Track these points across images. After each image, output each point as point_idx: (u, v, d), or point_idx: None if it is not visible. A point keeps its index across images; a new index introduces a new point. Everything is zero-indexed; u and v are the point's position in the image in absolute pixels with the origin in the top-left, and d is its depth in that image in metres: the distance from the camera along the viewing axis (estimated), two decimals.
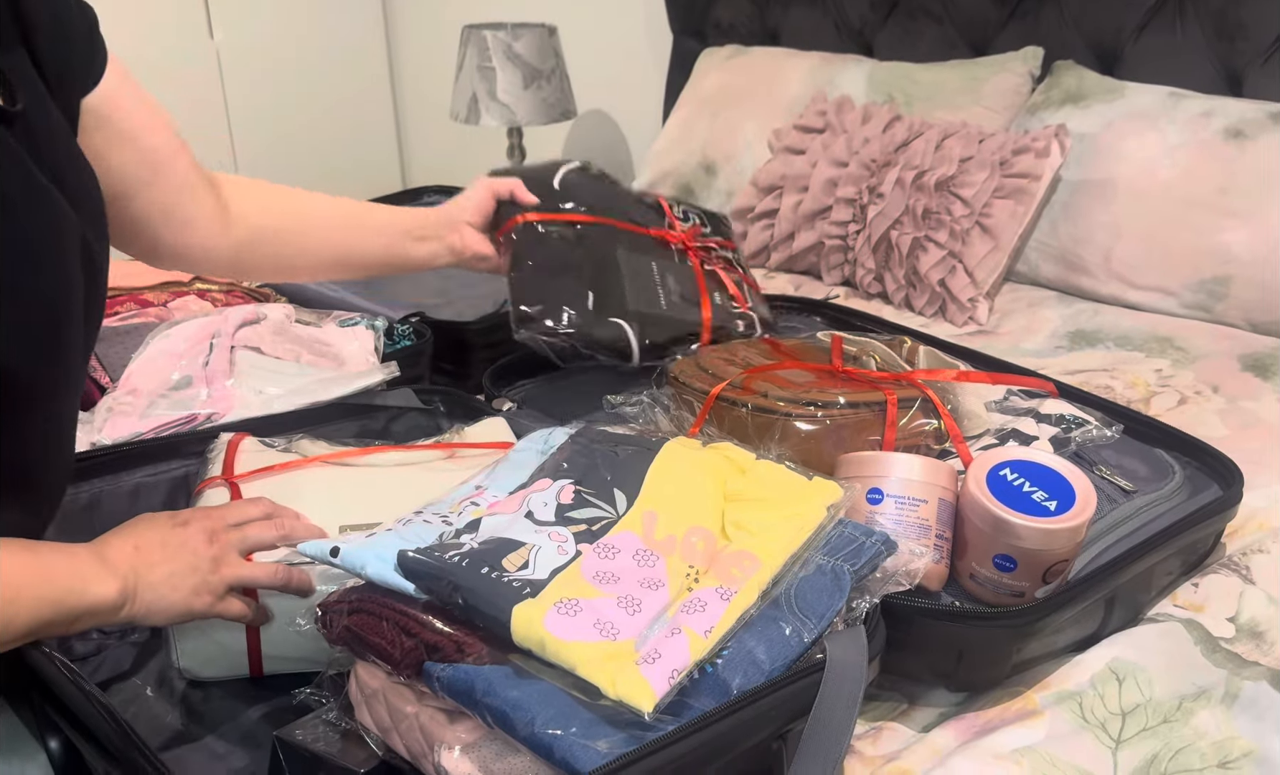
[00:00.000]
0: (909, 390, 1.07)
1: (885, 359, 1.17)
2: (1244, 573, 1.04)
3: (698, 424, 1.06)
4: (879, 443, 1.02)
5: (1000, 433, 1.10)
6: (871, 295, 1.84)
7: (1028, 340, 1.65)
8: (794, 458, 0.91)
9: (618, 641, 0.70)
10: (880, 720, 0.90)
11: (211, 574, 0.82)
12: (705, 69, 2.39)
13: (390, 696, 0.76)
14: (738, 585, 0.76)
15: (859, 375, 1.12)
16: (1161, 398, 1.43)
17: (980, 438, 1.09)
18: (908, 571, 0.84)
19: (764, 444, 0.96)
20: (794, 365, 1.15)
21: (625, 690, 0.66)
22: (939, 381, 1.11)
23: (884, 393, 1.05)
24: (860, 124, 1.93)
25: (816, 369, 1.14)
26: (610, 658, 0.68)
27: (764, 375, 1.11)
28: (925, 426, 1.05)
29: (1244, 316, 1.64)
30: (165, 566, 0.80)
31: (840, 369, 1.13)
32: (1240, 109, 1.72)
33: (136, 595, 0.78)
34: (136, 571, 0.78)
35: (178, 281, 1.53)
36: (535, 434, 0.97)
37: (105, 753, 0.71)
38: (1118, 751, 0.84)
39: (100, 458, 1.05)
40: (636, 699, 0.66)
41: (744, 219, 2.01)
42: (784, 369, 1.13)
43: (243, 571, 0.84)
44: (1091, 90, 1.87)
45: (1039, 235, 1.82)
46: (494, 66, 2.59)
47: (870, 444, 1.02)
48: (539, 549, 0.77)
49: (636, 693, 0.66)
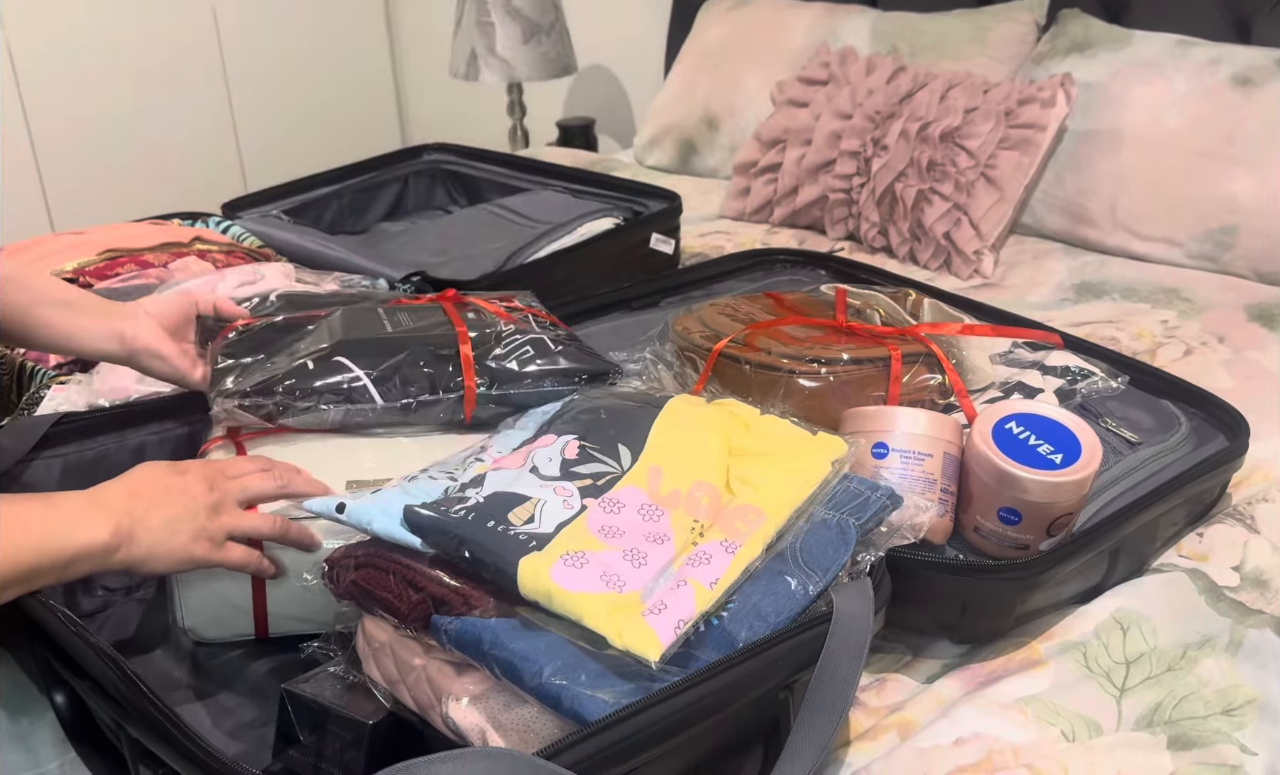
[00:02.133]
0: (913, 345, 1.06)
1: (889, 312, 1.16)
2: (1249, 523, 1.04)
3: (701, 381, 1.06)
4: (884, 398, 1.02)
5: (1005, 386, 1.10)
6: (876, 249, 1.83)
7: (1033, 293, 1.64)
8: (798, 414, 0.91)
9: (624, 593, 0.70)
10: (885, 672, 0.91)
11: (210, 521, 0.82)
12: (707, 21, 2.36)
13: (397, 649, 0.77)
14: (742, 538, 0.76)
15: (863, 330, 1.11)
16: (1167, 349, 1.43)
17: (985, 391, 1.09)
18: (913, 525, 0.85)
19: (768, 401, 0.96)
20: (797, 320, 1.14)
21: (632, 640, 0.67)
22: (943, 335, 1.11)
23: (888, 348, 1.04)
24: (864, 75, 1.91)
25: (820, 323, 1.13)
26: (617, 609, 0.69)
27: (766, 331, 1.10)
28: (930, 381, 1.04)
29: (1250, 267, 1.62)
30: (163, 511, 0.80)
31: (844, 324, 1.12)
32: (1248, 56, 1.70)
33: (133, 538, 0.78)
34: (132, 515, 0.79)
35: (177, 242, 1.52)
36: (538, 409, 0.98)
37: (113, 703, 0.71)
38: (1122, 700, 0.85)
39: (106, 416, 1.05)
40: (643, 649, 0.66)
41: (747, 173, 1.99)
42: (786, 324, 1.13)
43: (241, 521, 0.85)
44: (1098, 39, 1.85)
45: (1044, 186, 1.81)
46: (493, 21, 2.57)
47: (875, 399, 1.01)
48: (544, 503, 0.77)
49: (643, 643, 0.67)
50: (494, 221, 1.72)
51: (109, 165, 2.82)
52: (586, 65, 2.94)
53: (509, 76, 2.62)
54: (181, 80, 2.89)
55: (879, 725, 0.84)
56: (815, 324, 1.13)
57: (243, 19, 3.00)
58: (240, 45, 3.01)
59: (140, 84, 2.82)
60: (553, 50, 2.62)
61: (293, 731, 0.79)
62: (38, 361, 1.24)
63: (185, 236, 1.54)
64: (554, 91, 3.05)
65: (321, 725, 0.78)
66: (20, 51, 2.64)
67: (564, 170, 1.91)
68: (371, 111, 3.39)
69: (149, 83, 2.83)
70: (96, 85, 2.76)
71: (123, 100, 2.81)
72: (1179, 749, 0.81)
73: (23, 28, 2.63)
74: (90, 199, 2.76)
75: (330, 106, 3.24)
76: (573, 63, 2.70)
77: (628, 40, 2.87)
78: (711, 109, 2.23)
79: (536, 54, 2.60)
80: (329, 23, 3.20)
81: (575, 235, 1.63)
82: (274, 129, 3.13)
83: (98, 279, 1.38)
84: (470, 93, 3.05)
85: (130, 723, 0.70)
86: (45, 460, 1.00)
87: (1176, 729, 0.82)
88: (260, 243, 1.60)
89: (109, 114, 2.80)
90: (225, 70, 3.00)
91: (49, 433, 1.00)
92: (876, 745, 0.82)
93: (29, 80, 2.66)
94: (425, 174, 2.01)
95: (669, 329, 1.17)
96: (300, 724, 0.79)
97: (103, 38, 2.75)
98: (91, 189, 2.79)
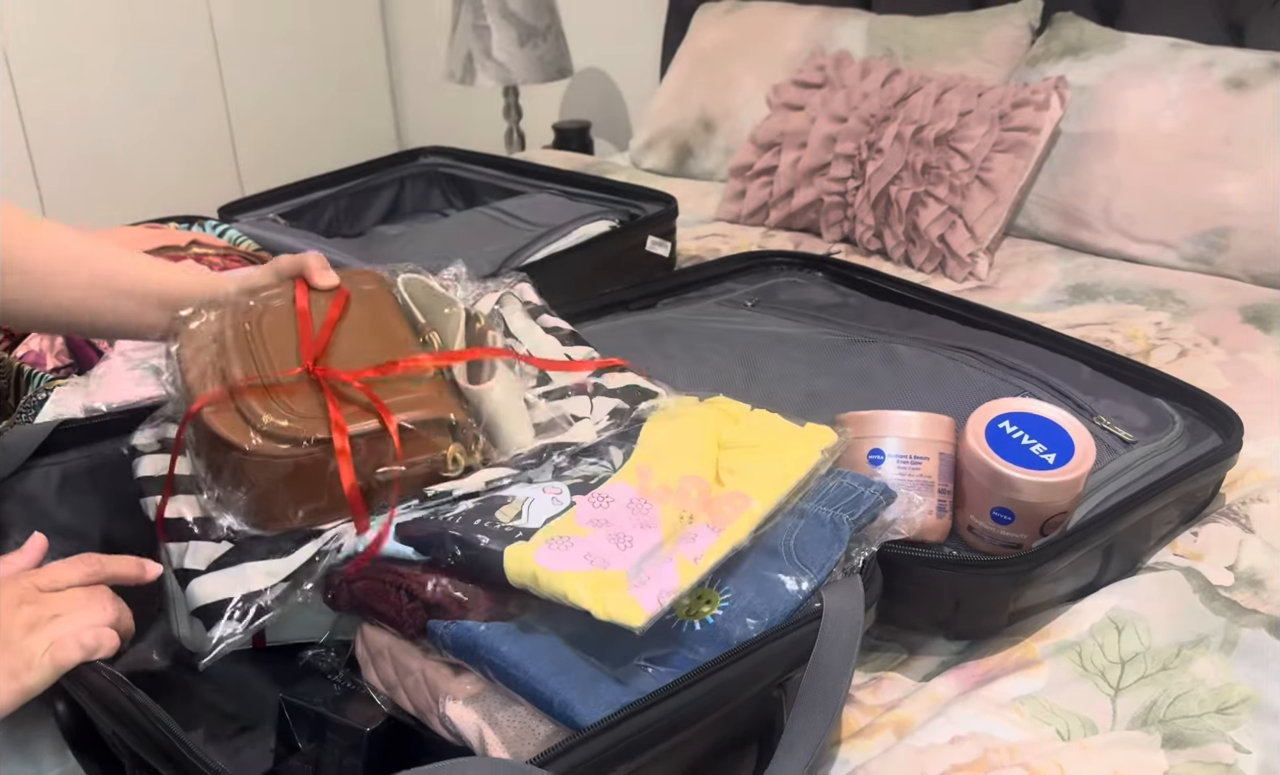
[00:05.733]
0: (365, 423, 0.80)
1: (447, 337, 0.92)
2: (1243, 522, 1.04)
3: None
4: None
5: (539, 451, 0.85)
6: (871, 252, 1.83)
7: (1028, 295, 1.65)
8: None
9: (608, 571, 0.70)
10: (880, 670, 0.91)
11: (25, 639, 0.71)
12: (702, 24, 2.36)
13: (396, 653, 0.77)
14: (729, 521, 0.76)
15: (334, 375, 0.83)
16: (1162, 350, 1.43)
17: (501, 467, 0.84)
18: (906, 520, 0.85)
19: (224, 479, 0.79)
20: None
21: (615, 610, 0.67)
22: (479, 391, 0.85)
23: (334, 421, 0.79)
24: (859, 78, 1.91)
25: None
26: (601, 584, 0.69)
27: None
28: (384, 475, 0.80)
29: (1244, 268, 1.63)
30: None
31: (312, 368, 0.84)
32: (1242, 59, 1.71)
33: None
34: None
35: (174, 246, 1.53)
36: None
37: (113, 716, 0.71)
38: (1117, 699, 0.85)
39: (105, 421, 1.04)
40: (626, 616, 0.66)
41: (743, 176, 2.00)
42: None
43: (63, 625, 0.73)
44: (1092, 41, 1.86)
45: (1039, 189, 1.81)
46: (489, 24, 2.57)
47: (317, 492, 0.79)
48: (532, 501, 0.78)
49: (626, 611, 0.66)
50: (491, 225, 1.72)
51: (105, 169, 2.82)
52: (582, 68, 2.95)
53: (505, 80, 2.62)
54: (178, 84, 2.89)
55: (875, 724, 0.84)
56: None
57: (239, 23, 3.00)
58: (236, 48, 3.01)
59: (137, 88, 2.83)
60: (549, 53, 2.63)
61: (292, 739, 0.80)
62: (35, 364, 1.24)
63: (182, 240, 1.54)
64: (550, 94, 3.05)
65: (320, 733, 0.78)
66: (16, 55, 2.64)
67: (560, 173, 1.91)
68: (368, 115, 3.39)
69: (145, 87, 2.84)
70: (93, 90, 2.77)
71: (119, 104, 2.81)
72: (1174, 748, 0.81)
73: (18, 31, 2.63)
74: (86, 203, 2.76)
75: (326, 110, 3.24)
76: (569, 66, 2.70)
77: (624, 43, 2.87)
78: (707, 112, 2.23)
79: (532, 57, 2.60)
80: (325, 26, 3.21)
81: (572, 238, 1.63)
82: (270, 132, 3.13)
83: None
84: (466, 96, 3.06)
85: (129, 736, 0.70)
86: (44, 468, 1.00)
87: (1171, 728, 0.83)
88: (257, 246, 1.60)
89: (105, 118, 2.80)
90: (221, 73, 3.00)
91: (47, 439, 1.00)
92: (872, 744, 0.82)
93: (25, 84, 2.67)
94: (422, 177, 2.01)
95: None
96: (299, 732, 0.79)
97: (99, 42, 2.75)
98: (87, 193, 2.79)
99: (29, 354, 1.28)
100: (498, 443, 0.86)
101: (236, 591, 0.76)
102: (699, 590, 0.75)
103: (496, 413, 0.85)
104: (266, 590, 0.76)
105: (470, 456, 0.83)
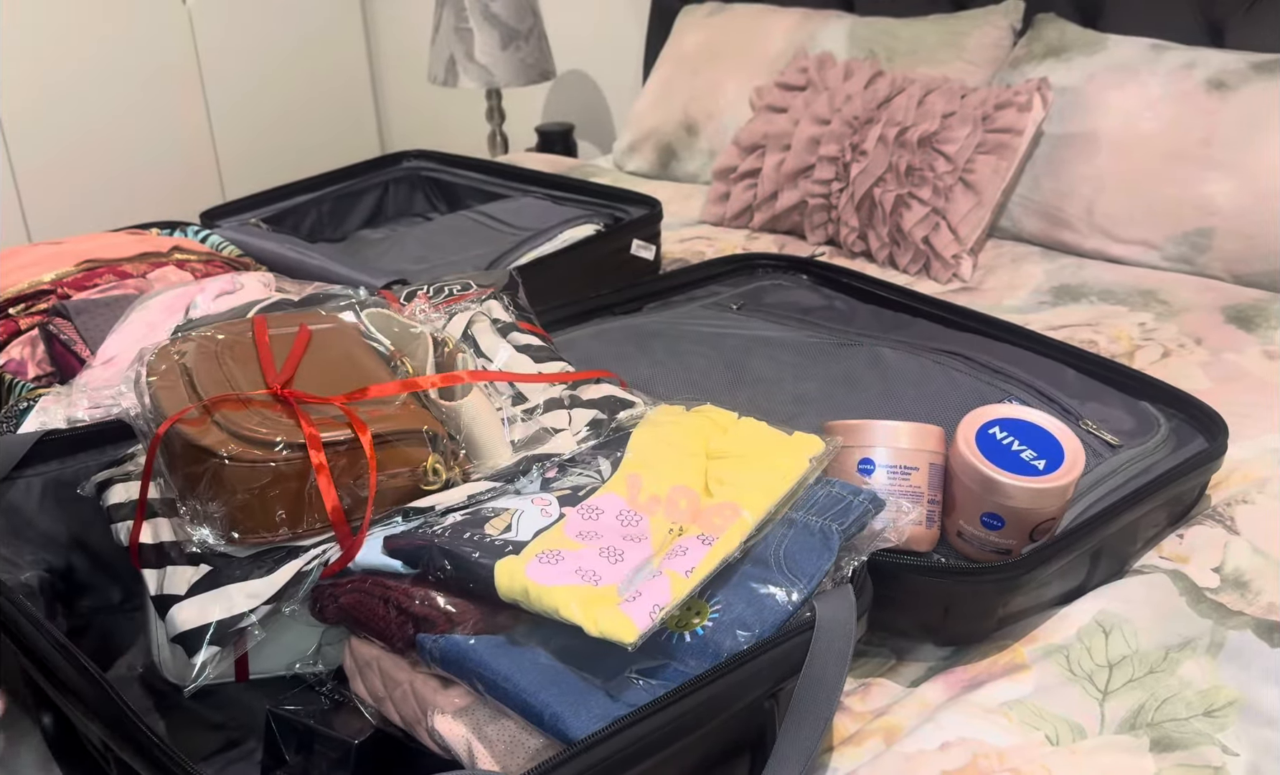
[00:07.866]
0: (338, 431, 0.80)
1: (419, 363, 0.93)
2: (1229, 524, 1.05)
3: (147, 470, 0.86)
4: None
5: (506, 474, 0.86)
6: (855, 254, 1.84)
7: (1011, 296, 1.65)
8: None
9: (600, 587, 0.70)
10: (869, 676, 0.91)
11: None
12: (685, 26, 2.36)
13: (384, 665, 0.77)
14: (719, 533, 0.76)
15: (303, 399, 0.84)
16: (1145, 351, 1.44)
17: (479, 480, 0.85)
18: (895, 529, 0.85)
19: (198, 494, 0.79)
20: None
21: (607, 627, 0.66)
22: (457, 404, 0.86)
23: (306, 432, 0.79)
24: (842, 80, 1.91)
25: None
26: (592, 600, 0.68)
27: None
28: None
29: (1227, 269, 1.64)
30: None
31: (279, 391, 0.85)
32: (1222, 59, 1.72)
33: None
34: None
35: (156, 252, 1.51)
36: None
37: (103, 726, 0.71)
38: (1105, 702, 0.85)
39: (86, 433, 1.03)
40: (619, 633, 0.66)
41: (727, 179, 2.00)
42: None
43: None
44: (1073, 43, 1.86)
45: (1022, 190, 1.82)
46: (471, 27, 2.56)
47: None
48: (522, 513, 0.77)
49: (618, 628, 0.66)
50: (475, 228, 1.72)
51: (86, 174, 2.80)
52: (565, 71, 2.94)
53: (488, 82, 2.61)
54: (158, 88, 2.87)
55: (864, 730, 0.84)
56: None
57: (219, 26, 2.98)
58: (217, 53, 2.99)
59: (117, 93, 2.80)
60: (531, 56, 2.62)
61: (280, 751, 0.79)
62: (16, 373, 1.23)
63: (164, 246, 1.53)
64: (533, 97, 3.04)
65: (308, 745, 0.78)
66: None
67: (544, 176, 1.91)
68: (350, 118, 3.37)
69: (126, 92, 2.81)
70: (73, 95, 2.74)
71: (100, 109, 2.79)
72: (1161, 751, 0.81)
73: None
74: (67, 208, 2.74)
75: (309, 114, 3.22)
76: (551, 68, 2.70)
77: (606, 46, 2.87)
78: (691, 114, 2.23)
79: (515, 60, 2.59)
80: (306, 30, 3.19)
81: (556, 242, 1.63)
82: (252, 137, 3.11)
83: (76, 290, 1.37)
84: (449, 99, 3.05)
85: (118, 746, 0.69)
86: (26, 479, 0.99)
87: (1159, 731, 0.83)
88: (239, 252, 1.59)
89: (86, 123, 2.77)
90: (202, 77, 2.98)
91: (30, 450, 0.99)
92: (862, 751, 0.82)
93: (3, 88, 2.64)
94: (405, 181, 2.00)
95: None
96: (286, 744, 0.79)
97: (79, 47, 2.73)
98: (68, 198, 2.76)
99: (10, 362, 1.27)
100: (477, 456, 0.86)
101: (218, 614, 0.75)
102: (689, 602, 0.74)
103: (473, 425, 0.85)
104: (249, 612, 0.75)
105: (450, 469, 0.82)
